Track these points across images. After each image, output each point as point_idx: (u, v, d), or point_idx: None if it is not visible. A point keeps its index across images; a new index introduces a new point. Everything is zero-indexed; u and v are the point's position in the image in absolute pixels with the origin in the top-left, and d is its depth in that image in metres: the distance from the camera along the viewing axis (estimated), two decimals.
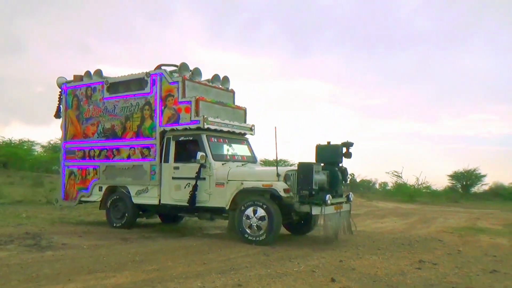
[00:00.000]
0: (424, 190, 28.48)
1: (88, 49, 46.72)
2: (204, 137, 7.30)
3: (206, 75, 8.34)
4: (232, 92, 8.64)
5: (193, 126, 7.33)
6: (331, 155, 7.15)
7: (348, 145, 7.20)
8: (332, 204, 6.52)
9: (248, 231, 6.51)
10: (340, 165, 7.22)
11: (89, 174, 8.48)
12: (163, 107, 7.67)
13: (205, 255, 5.68)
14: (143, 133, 7.88)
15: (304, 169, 6.56)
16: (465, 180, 33.09)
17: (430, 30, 44.82)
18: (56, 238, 6.66)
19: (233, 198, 6.77)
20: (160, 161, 7.61)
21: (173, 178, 7.43)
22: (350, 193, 7.38)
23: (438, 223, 11.59)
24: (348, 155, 7.23)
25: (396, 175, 28.66)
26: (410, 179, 29.55)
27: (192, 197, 7.03)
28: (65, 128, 8.94)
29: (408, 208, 18.79)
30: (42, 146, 31.93)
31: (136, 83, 8.02)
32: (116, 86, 8.30)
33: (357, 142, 7.55)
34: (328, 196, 6.38)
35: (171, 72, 7.90)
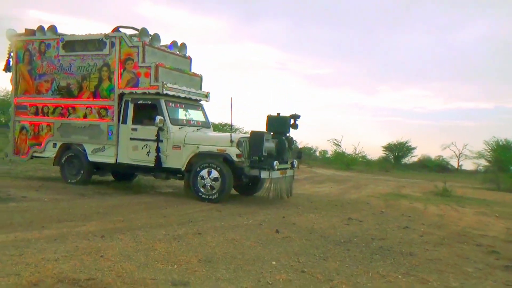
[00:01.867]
0: (360, 159, 30.79)
1: None
2: (162, 102, 7.77)
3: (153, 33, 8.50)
4: (189, 59, 9.11)
5: (152, 91, 7.75)
6: (280, 126, 7.99)
7: (296, 117, 8.11)
8: (278, 169, 7.43)
9: (202, 190, 7.26)
10: (288, 134, 8.12)
11: (42, 130, 8.69)
12: (122, 70, 7.98)
13: (163, 209, 6.38)
14: (100, 94, 8.16)
15: (256, 137, 7.37)
16: (397, 152, 36.06)
17: (374, 8, 46.61)
18: (13, 191, 6.97)
19: (189, 160, 7.42)
20: (118, 122, 8.01)
21: (131, 139, 7.93)
22: (295, 160, 8.38)
23: (368, 189, 13.14)
24: (295, 126, 8.14)
25: (335, 144, 30.59)
26: (348, 148, 31.73)
27: (158, 158, 7.60)
28: (16, 82, 8.99)
29: (344, 175, 20.57)
30: None
31: (94, 43, 8.24)
32: (72, 44, 8.48)
33: (302, 110, 8.54)
34: (275, 162, 7.27)
35: (130, 36, 8.16)
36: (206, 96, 9.01)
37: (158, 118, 7.46)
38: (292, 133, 8.25)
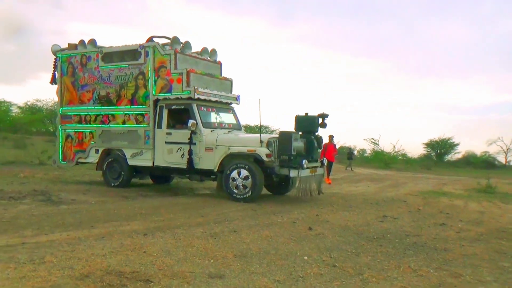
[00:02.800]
0: (400, 158, 30.12)
1: (60, 5, 45.40)
2: (194, 106, 8.16)
3: (189, 39, 9.18)
4: (220, 63, 9.52)
5: (184, 96, 8.16)
6: (309, 125, 8.20)
7: (324, 116, 8.26)
8: (307, 168, 7.65)
9: (234, 190, 7.59)
10: (316, 133, 8.28)
11: (85, 137, 9.34)
12: (156, 77, 8.46)
13: (201, 209, 6.69)
14: (137, 101, 8.69)
15: (284, 137, 7.62)
16: (439, 148, 34.94)
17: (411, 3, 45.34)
18: (63, 195, 7.53)
19: (221, 161, 7.80)
20: (154, 127, 8.49)
21: (166, 142, 8.36)
22: (325, 158, 8.68)
23: (407, 187, 12.94)
24: (324, 125, 8.29)
25: (373, 143, 30.11)
26: (387, 146, 31.12)
27: (190, 161, 7.98)
28: (61, 94, 9.69)
29: (383, 174, 20.27)
30: (19, 107, 31.83)
31: (130, 53, 8.77)
32: (110, 55, 9.04)
33: (338, 109, 8.63)
34: (304, 161, 7.51)
35: (163, 45, 8.61)
36: (236, 99, 9.34)
37: (191, 121, 7.82)
38: (321, 132, 8.41)
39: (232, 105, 9.36)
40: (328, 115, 8.26)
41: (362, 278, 3.64)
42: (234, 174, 7.54)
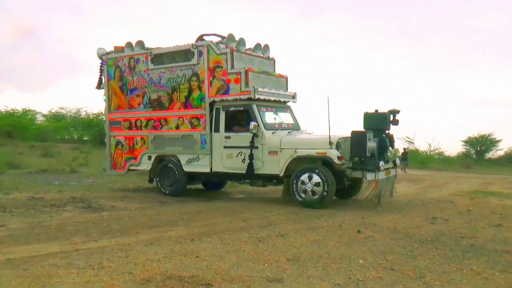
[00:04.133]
0: (436, 157, 29.52)
1: (81, 10, 46.79)
2: (255, 107, 7.93)
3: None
4: (273, 60, 9.25)
5: (243, 97, 7.91)
6: (379, 123, 7.87)
7: (395, 112, 7.94)
8: (384, 169, 7.44)
9: (303, 195, 7.37)
10: (387, 132, 8.02)
11: (137, 143, 9.17)
12: (211, 78, 8.22)
13: (241, 214, 6.81)
14: (191, 104, 8.47)
15: (358, 137, 7.33)
16: (479, 146, 34.04)
17: None
18: (102, 202, 7.79)
19: (286, 165, 7.58)
20: (210, 131, 8.28)
21: (225, 147, 8.14)
22: (396, 158, 8.42)
23: (450, 187, 12.71)
24: (396, 122, 7.98)
25: (408, 142, 29.61)
26: (422, 145, 30.54)
27: (250, 166, 7.79)
28: (108, 99, 9.54)
29: (420, 174, 19.94)
30: (43, 115, 32.93)
31: (182, 54, 8.56)
32: (160, 57, 8.83)
33: (369, 108, 8.46)
34: (381, 162, 7.31)
35: (217, 43, 8.39)
36: (293, 97, 9.11)
37: (253, 124, 7.63)
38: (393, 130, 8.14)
39: (289, 104, 9.13)
40: (399, 111, 7.93)
41: (424, 282, 3.67)
42: (304, 177, 7.31)
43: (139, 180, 11.01)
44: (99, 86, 9.71)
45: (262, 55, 9.01)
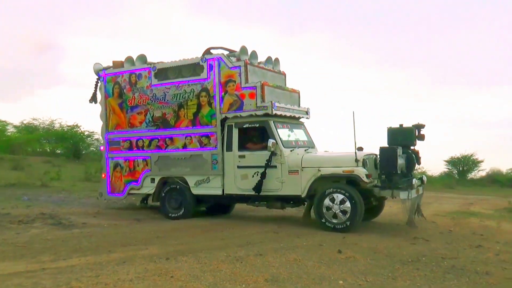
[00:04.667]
0: (419, 176, 29.84)
1: (58, 20, 46.43)
2: (272, 123, 7.62)
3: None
4: (284, 74, 9.05)
5: (259, 112, 7.60)
6: (405, 138, 7.57)
7: (420, 126, 7.68)
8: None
9: (328, 218, 6.99)
10: (412, 148, 7.75)
11: (138, 165, 8.71)
12: (223, 93, 7.91)
13: (219, 232, 6.76)
14: (200, 121, 8.12)
15: (388, 153, 7.00)
16: (462, 166, 34.73)
17: (431, 6, 45.92)
18: (73, 218, 7.65)
19: (309, 185, 7.21)
20: (222, 150, 7.92)
21: (239, 167, 7.76)
22: (424, 175, 8.12)
23: (432, 207, 12.88)
24: (422, 137, 7.71)
25: None
26: None
27: (258, 184, 7.42)
28: (106, 117, 9.11)
29: None
30: (15, 126, 32.26)
31: (189, 68, 8.27)
32: (165, 72, 8.51)
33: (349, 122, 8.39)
34: (415, 180, 7.17)
35: (227, 56, 8.18)
36: (307, 112, 8.87)
37: (271, 141, 7.28)
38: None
39: (302, 120, 8.86)
40: (424, 125, 7.65)
41: None
42: (330, 198, 6.95)
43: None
44: (92, 100, 9.28)
45: (273, 69, 8.79)
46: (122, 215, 8.33)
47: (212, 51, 8.32)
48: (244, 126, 7.85)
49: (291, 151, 7.57)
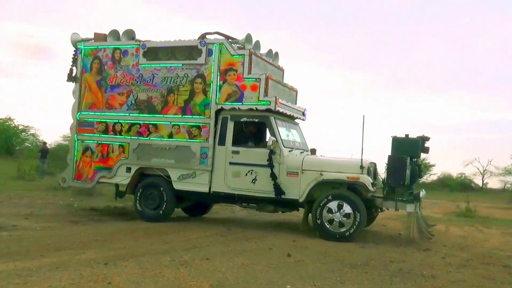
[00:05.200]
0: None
1: None
2: (273, 120, 7.41)
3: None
4: (282, 70, 8.89)
5: (261, 107, 7.34)
6: (410, 149, 7.28)
7: (425, 139, 7.51)
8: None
9: (329, 226, 6.85)
10: (415, 160, 7.58)
11: (113, 151, 8.21)
12: (221, 82, 7.61)
13: (164, 235, 6.65)
14: (192, 110, 7.74)
15: (397, 163, 6.93)
16: None
17: (387, 13, 47.66)
18: (1, 220, 7.24)
19: (309, 189, 7.02)
20: (214, 143, 7.60)
21: (231, 163, 7.47)
22: (423, 189, 7.78)
23: (383, 211, 13.36)
24: (426, 149, 7.52)
25: None
26: None
27: (276, 187, 7.12)
28: (79, 95, 8.54)
29: None
30: None
31: (185, 51, 7.89)
32: (156, 51, 8.10)
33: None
34: (422, 192, 7.04)
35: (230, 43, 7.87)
36: (303, 113, 8.70)
37: (272, 139, 7.11)
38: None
39: (297, 121, 8.70)
40: (429, 138, 7.52)
41: None
42: (333, 205, 6.81)
43: (50, 196, 10.43)
44: (70, 78, 8.62)
45: (273, 63, 8.57)
46: (58, 217, 8.00)
47: (208, 36, 8.00)
48: (241, 120, 7.58)
49: (289, 151, 7.39)
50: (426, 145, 7.53)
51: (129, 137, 8.13)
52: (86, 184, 8.56)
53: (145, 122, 8.05)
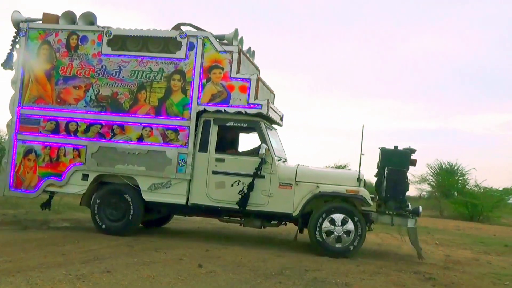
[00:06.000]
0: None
1: None
2: (263, 125, 7.22)
3: None
4: (259, 70, 8.66)
5: (251, 111, 7.11)
6: (399, 161, 7.23)
7: (412, 151, 7.44)
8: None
9: (328, 241, 6.84)
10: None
11: (65, 155, 7.44)
12: (204, 80, 7.25)
13: (61, 246, 6.30)
14: (167, 110, 7.28)
15: (398, 176, 7.03)
16: None
17: (315, 16, 49.45)
18: None
19: (304, 203, 6.92)
20: (193, 149, 7.25)
21: (214, 172, 7.17)
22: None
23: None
24: (414, 162, 7.41)
25: None
26: None
27: (244, 196, 6.97)
28: (21, 86, 7.64)
29: None
30: None
31: (159, 42, 7.42)
32: (124, 40, 7.50)
33: None
34: (420, 207, 7.02)
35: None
36: (281, 119, 8.45)
37: (264, 146, 6.90)
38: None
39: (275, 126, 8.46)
40: (416, 150, 7.43)
41: None
42: (334, 219, 6.81)
43: None
44: (7, 64, 7.76)
45: (253, 61, 8.33)
46: None
47: (182, 28, 7.60)
48: (227, 124, 7.29)
49: (278, 160, 7.26)
50: (412, 157, 7.50)
51: (87, 139, 7.44)
52: (28, 193, 7.60)
53: (108, 121, 7.42)
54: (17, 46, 7.74)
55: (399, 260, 7.02)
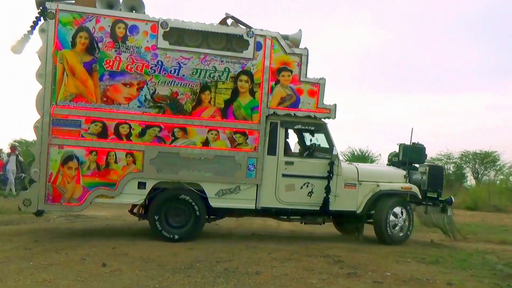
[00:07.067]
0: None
1: None
2: (329, 129, 7.54)
3: None
4: None
5: (320, 115, 7.28)
6: (417, 156, 8.60)
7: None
8: None
9: (393, 232, 7.69)
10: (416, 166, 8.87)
11: (116, 161, 6.70)
12: (273, 83, 7.09)
13: None
14: (235, 113, 6.96)
15: (437, 172, 8.44)
16: None
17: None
18: None
19: (366, 201, 7.64)
20: (263, 153, 7.15)
21: (284, 175, 7.22)
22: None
23: None
24: (426, 156, 8.96)
25: None
26: None
27: (326, 200, 7.33)
28: (53, 80, 6.56)
29: None
30: None
31: (221, 38, 6.99)
32: (181, 34, 6.89)
33: None
34: (452, 198, 8.40)
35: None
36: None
37: (336, 150, 7.43)
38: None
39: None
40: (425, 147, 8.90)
41: None
42: (395, 215, 7.71)
43: None
44: (18, 48, 6.72)
45: None
46: None
47: (227, 21, 7.26)
48: (295, 127, 7.49)
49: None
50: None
51: (144, 143, 6.80)
52: (71, 207, 6.76)
53: (169, 124, 6.85)
54: (37, 30, 6.67)
55: (309, 245, 7.18)
